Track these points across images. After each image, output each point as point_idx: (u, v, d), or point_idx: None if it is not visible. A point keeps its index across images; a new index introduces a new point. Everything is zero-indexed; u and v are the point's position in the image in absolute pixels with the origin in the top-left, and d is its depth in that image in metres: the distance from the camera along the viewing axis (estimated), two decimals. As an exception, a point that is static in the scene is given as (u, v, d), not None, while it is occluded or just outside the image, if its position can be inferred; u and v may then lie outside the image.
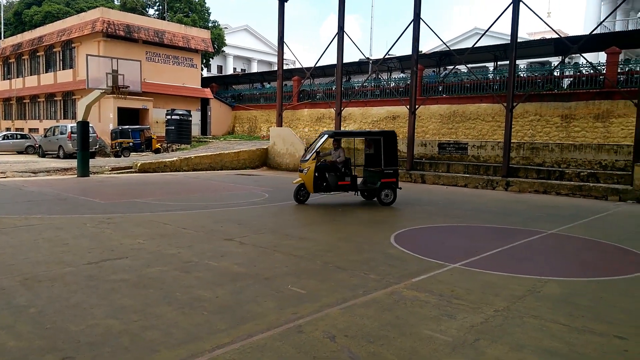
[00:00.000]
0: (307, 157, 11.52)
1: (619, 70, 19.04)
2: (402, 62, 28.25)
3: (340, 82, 21.90)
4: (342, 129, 24.81)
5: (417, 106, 19.38)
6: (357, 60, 32.32)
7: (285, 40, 23.07)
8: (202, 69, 38.01)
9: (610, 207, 12.37)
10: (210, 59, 42.42)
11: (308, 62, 48.87)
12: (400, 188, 12.13)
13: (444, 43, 19.41)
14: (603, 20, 18.24)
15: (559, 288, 5.28)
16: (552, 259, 6.87)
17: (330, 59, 25.03)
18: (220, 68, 52.00)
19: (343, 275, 5.56)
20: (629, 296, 5.07)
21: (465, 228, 9.03)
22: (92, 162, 18.77)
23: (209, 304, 4.48)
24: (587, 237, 8.36)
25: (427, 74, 25.56)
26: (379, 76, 26.72)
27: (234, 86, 40.37)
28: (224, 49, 43.47)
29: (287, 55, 24.11)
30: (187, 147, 27.41)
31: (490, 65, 28.50)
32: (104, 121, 28.88)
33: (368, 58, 26.83)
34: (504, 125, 17.34)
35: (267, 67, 53.61)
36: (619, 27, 34.02)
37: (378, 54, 33.07)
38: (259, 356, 3.44)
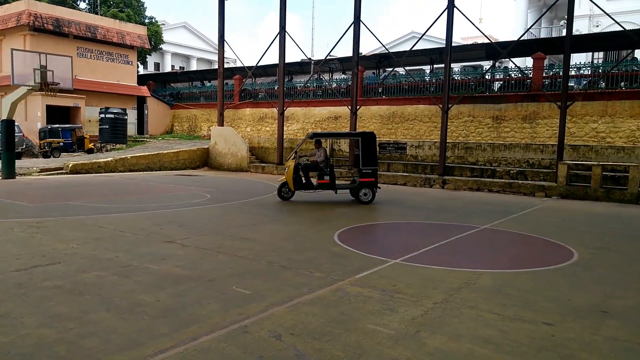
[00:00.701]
0: (289, 157, 12.22)
1: (544, 75, 20.37)
2: (343, 64, 28.65)
3: (283, 81, 21.89)
4: (285, 129, 24.81)
5: (358, 107, 19.73)
6: (299, 60, 32.42)
7: (225, 38, 22.73)
8: (138, 67, 36.61)
9: (537, 203, 13.20)
10: (147, 56, 40.94)
11: (249, 60, 48.42)
12: (379, 187, 12.54)
13: (383, 46, 19.91)
14: (529, 28, 19.42)
15: (492, 280, 5.59)
16: (486, 252, 7.25)
17: (272, 58, 24.96)
18: (157, 65, 50.30)
19: (288, 274, 5.58)
20: (554, 285, 5.45)
21: (406, 225, 9.32)
22: (18, 163, 17.57)
23: (150, 308, 4.35)
24: (517, 231, 8.89)
25: (367, 76, 26.10)
26: (321, 77, 26.95)
27: (172, 84, 39.24)
28: (162, 46, 42.10)
29: (227, 53, 23.77)
30: (122, 147, 26.33)
31: (427, 68, 29.54)
32: (31, 120, 27.12)
33: (310, 58, 26.98)
34: (440, 126, 18.03)
35: (207, 65, 52.52)
36: (544, 34, 36.37)
37: (319, 55, 33.37)
38: (203, 359, 3.39)
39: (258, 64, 23.07)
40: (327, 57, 23.72)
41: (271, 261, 6.13)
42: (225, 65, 27.13)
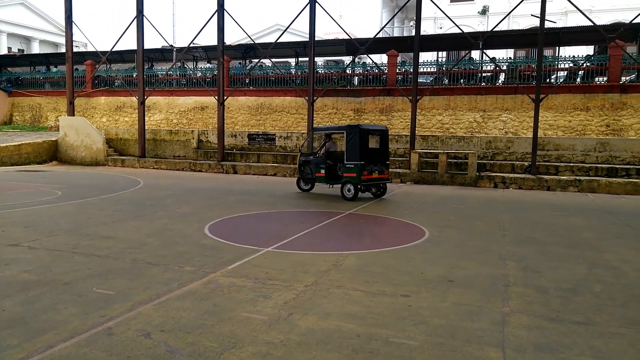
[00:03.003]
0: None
1: (397, 71, 22.14)
2: (208, 52, 27.82)
3: (142, 68, 20.59)
4: (147, 119, 23.41)
5: (225, 97, 19.41)
6: (159, 47, 30.68)
7: (74, 19, 20.59)
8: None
9: (394, 188, 14.38)
10: (-25, 35, 35.25)
11: (104, 45, 44.40)
12: (391, 181, 12.71)
13: (248, 36, 19.80)
14: (383, 27, 20.86)
15: (357, 260, 5.98)
16: (351, 235, 7.72)
17: (130, 43, 23.24)
18: (-11, 47, 43.58)
19: (156, 270, 5.34)
20: (410, 261, 6.03)
21: (277, 214, 9.48)
22: None
23: (-7, 320, 3.84)
24: (377, 214, 9.61)
25: (233, 66, 25.75)
26: (185, 65, 25.88)
27: (9, 68, 34.35)
28: (-6, 24, 36.58)
29: (78, 36, 21.56)
30: (-54, 140, 22.43)
31: (293, 61, 30.12)
32: None
33: (171, 45, 25.75)
34: (307, 118, 18.58)
35: (53, 48, 46.93)
36: (397, 33, 39.39)
37: (182, 42, 31.89)
38: (62, 367, 3.11)
39: (113, 49, 21.35)
40: (191, 45, 22.84)
41: (136, 259, 5.80)
42: (75, 49, 24.63)
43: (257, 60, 23.00)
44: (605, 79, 19.15)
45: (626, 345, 3.64)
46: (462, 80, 21.06)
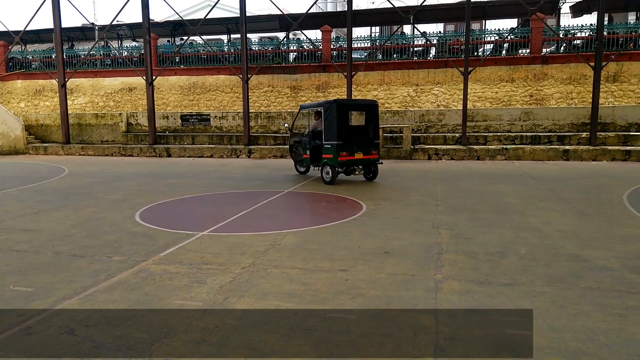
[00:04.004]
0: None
1: (332, 47, 22.05)
2: (133, 30, 26.40)
3: (61, 48, 19.20)
4: (70, 103, 21.98)
5: (154, 77, 18.54)
6: (80, 25, 28.69)
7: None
8: None
9: (333, 165, 14.43)
10: None
11: (17, 24, 40.94)
12: (382, 162, 11.37)
13: (175, 12, 18.89)
14: (316, 1, 20.63)
15: (296, 238, 5.94)
16: (290, 214, 7.67)
17: (46, 22, 21.50)
18: None
19: (81, 263, 5.02)
20: (348, 235, 6.07)
21: (213, 196, 9.24)
22: None
23: None
24: (315, 191, 9.61)
25: (162, 44, 24.63)
26: (109, 44, 24.41)
27: None
28: None
29: (-17, 13, 19.65)
30: None
31: (225, 38, 29.20)
32: None
33: (93, 23, 24.16)
34: (242, 96, 18.16)
35: (-43, 27, 42.68)
36: (330, 8, 39.15)
37: (104, 20, 30.02)
38: (-28, 375, 2.85)
39: (28, 29, 19.70)
40: (114, 23, 21.51)
41: (59, 251, 5.43)
42: (-18, 28, 22.51)
43: (186, 37, 22.07)
44: (528, 51, 20.10)
45: (548, 303, 3.86)
46: (395, 55, 21.34)
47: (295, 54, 22.92)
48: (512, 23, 26.49)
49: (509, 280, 4.39)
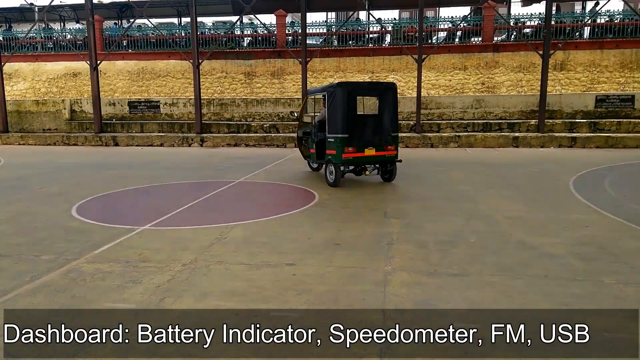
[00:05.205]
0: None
1: (287, 32, 21.60)
2: (77, 12, 24.94)
3: (-5, 30, 17.83)
4: (9, 89, 20.61)
5: (99, 61, 17.58)
6: (17, 5, 26.87)
7: None
8: None
9: (288, 154, 14.19)
10: None
11: (-53, 3, 37.93)
12: (401, 160, 8.99)
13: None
14: (270, -15, 20.12)
15: (243, 231, 5.69)
16: (239, 205, 7.38)
17: (-21, 1, 19.91)
18: None
19: (5, 263, 4.60)
20: (298, 227, 5.87)
21: (159, 187, 8.81)
22: None
23: None
24: (269, 181, 9.35)
25: (108, 26, 23.43)
26: (50, 26, 22.98)
27: None
28: None
29: None
30: None
31: (176, 21, 28.13)
32: None
33: (31, 3, 22.65)
34: (193, 82, 17.53)
35: None
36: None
37: (45, 1, 28.28)
38: None
39: (-45, 7, 18.20)
40: (55, 3, 20.23)
41: (-19, 251, 4.96)
42: None
43: (134, 19, 21.03)
44: (480, 39, 20.39)
45: (496, 293, 3.81)
46: (350, 42, 21.15)
47: (249, 39, 22.31)
48: (465, 11, 26.85)
49: (458, 270, 4.32)
